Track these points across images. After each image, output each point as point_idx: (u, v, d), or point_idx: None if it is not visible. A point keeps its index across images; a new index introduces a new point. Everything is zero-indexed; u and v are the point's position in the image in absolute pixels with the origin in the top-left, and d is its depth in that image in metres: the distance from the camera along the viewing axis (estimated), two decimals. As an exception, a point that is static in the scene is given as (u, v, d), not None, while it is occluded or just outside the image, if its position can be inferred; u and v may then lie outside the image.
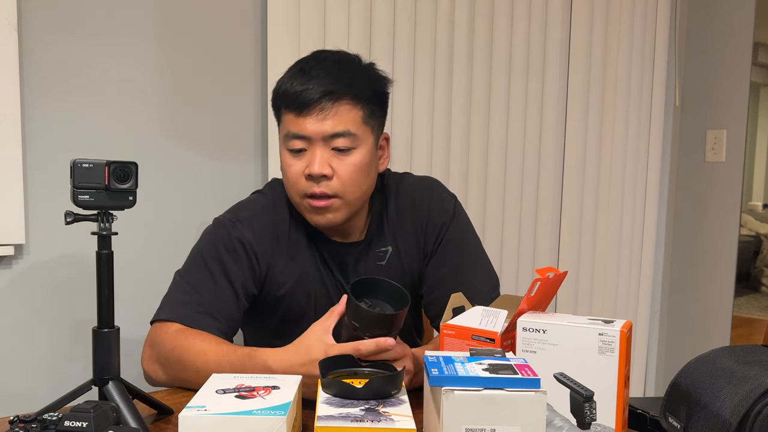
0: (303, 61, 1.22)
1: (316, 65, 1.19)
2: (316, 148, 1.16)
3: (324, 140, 1.16)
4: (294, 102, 1.16)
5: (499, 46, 2.04)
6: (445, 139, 1.99)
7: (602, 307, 2.35)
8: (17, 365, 1.51)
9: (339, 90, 1.16)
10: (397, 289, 1.02)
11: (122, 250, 1.16)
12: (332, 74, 1.17)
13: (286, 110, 1.19)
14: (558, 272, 0.96)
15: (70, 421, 0.73)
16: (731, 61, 2.38)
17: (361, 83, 1.19)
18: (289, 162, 1.19)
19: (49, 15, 1.48)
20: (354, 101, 1.17)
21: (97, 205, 0.90)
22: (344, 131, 1.16)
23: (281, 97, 1.20)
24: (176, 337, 1.12)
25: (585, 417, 0.87)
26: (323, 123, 1.15)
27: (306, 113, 1.15)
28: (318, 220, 1.21)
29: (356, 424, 0.70)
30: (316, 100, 1.15)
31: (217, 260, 1.21)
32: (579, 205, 2.26)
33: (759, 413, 0.75)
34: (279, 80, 1.22)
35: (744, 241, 2.43)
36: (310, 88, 1.15)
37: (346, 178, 1.18)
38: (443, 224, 1.31)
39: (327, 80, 1.16)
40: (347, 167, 1.17)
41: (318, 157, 1.16)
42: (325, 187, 1.17)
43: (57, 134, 1.51)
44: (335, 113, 1.16)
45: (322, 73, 1.17)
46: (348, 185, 1.18)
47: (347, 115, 1.17)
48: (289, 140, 1.18)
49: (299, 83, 1.17)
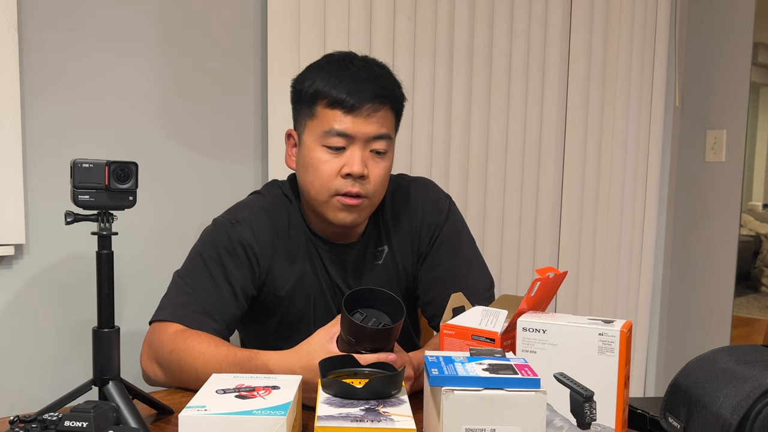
0: (345, 60, 1.22)
1: (362, 67, 1.20)
2: (356, 148, 1.17)
3: (366, 141, 1.18)
4: (344, 100, 1.16)
5: (499, 46, 2.05)
6: (445, 138, 1.99)
7: (602, 307, 2.35)
8: (17, 365, 1.51)
9: (386, 94, 1.19)
10: (394, 298, 0.99)
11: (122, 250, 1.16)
12: (380, 79, 1.20)
13: (330, 107, 1.17)
14: (558, 272, 0.96)
15: (70, 421, 0.73)
16: (731, 61, 2.38)
17: (398, 91, 1.23)
18: (324, 158, 1.18)
19: (49, 15, 1.48)
20: (392, 107, 1.21)
21: (97, 205, 0.90)
22: (386, 134, 1.20)
23: (323, 93, 1.18)
24: (175, 338, 1.12)
25: (585, 417, 0.87)
26: (369, 124, 1.17)
27: (356, 113, 1.16)
28: (345, 219, 1.21)
29: (356, 424, 0.70)
30: (368, 102, 1.16)
31: (217, 261, 1.21)
32: (579, 205, 2.26)
33: (759, 413, 0.75)
34: (313, 75, 1.20)
35: (744, 241, 2.43)
36: (364, 88, 1.17)
37: (378, 181, 1.20)
38: (437, 224, 1.32)
39: (378, 84, 1.19)
40: (380, 170, 1.20)
41: (359, 157, 1.17)
42: (360, 188, 1.18)
43: (57, 134, 1.51)
44: (380, 116, 1.18)
45: (371, 75, 1.19)
46: (378, 188, 1.21)
47: (388, 119, 1.21)
48: (330, 137, 1.17)
49: (350, 82, 1.17)
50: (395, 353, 0.97)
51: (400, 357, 0.99)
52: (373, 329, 0.94)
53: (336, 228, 1.25)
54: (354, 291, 0.98)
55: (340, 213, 1.20)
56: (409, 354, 1.05)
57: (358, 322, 0.94)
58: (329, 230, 1.27)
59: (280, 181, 1.34)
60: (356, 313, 0.97)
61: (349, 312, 0.95)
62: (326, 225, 1.26)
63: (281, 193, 1.29)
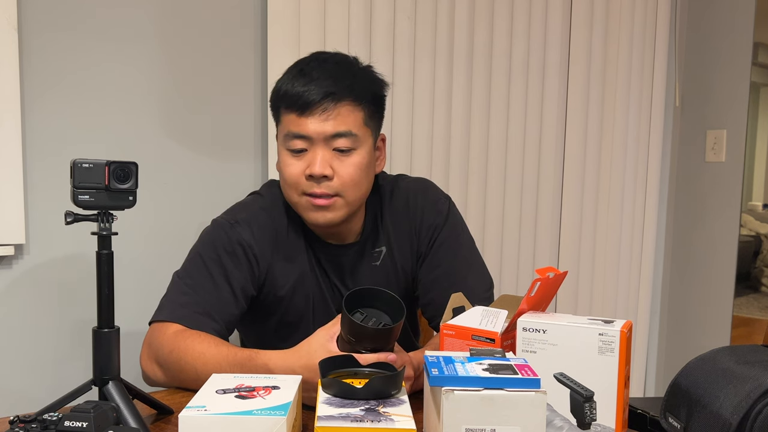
0: (303, 63, 1.22)
1: (317, 67, 1.19)
2: (317, 148, 1.17)
3: (325, 141, 1.17)
4: (296, 102, 1.16)
5: (499, 46, 2.05)
6: (445, 138, 1.99)
7: (602, 307, 2.35)
8: (17, 365, 1.51)
9: (340, 91, 1.17)
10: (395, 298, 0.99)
11: (122, 250, 1.16)
12: (334, 76, 1.18)
13: (286, 110, 1.19)
14: (558, 272, 0.96)
15: (70, 421, 0.73)
16: (731, 61, 2.38)
17: (361, 85, 1.20)
18: (288, 162, 1.19)
19: (49, 15, 1.48)
20: (355, 102, 1.18)
21: (97, 205, 0.90)
22: (345, 132, 1.17)
23: (281, 97, 1.20)
24: (174, 338, 1.12)
25: (585, 417, 0.87)
26: (325, 123, 1.16)
27: (308, 114, 1.16)
28: (317, 218, 1.20)
29: (356, 424, 0.70)
30: (318, 101, 1.15)
31: (216, 262, 1.21)
32: (579, 205, 2.26)
33: (759, 413, 0.75)
34: (278, 81, 1.22)
35: (744, 241, 2.43)
36: (312, 89, 1.16)
37: (347, 179, 1.18)
38: (437, 226, 1.32)
39: (329, 81, 1.17)
40: (348, 168, 1.18)
41: (319, 157, 1.16)
42: (325, 188, 1.18)
43: (57, 134, 1.51)
44: (337, 114, 1.16)
45: (323, 74, 1.17)
46: (348, 185, 1.19)
47: (348, 116, 1.18)
48: (289, 140, 1.18)
49: (301, 84, 1.17)
50: (395, 353, 0.97)
51: (400, 357, 0.98)
52: (373, 329, 0.94)
53: (322, 229, 1.25)
54: (354, 291, 0.97)
55: (311, 213, 1.20)
56: (409, 354, 1.05)
57: (359, 321, 0.94)
58: (325, 231, 1.27)
59: (278, 182, 1.34)
60: (356, 312, 0.97)
61: (350, 312, 0.95)
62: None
63: (280, 194, 1.29)
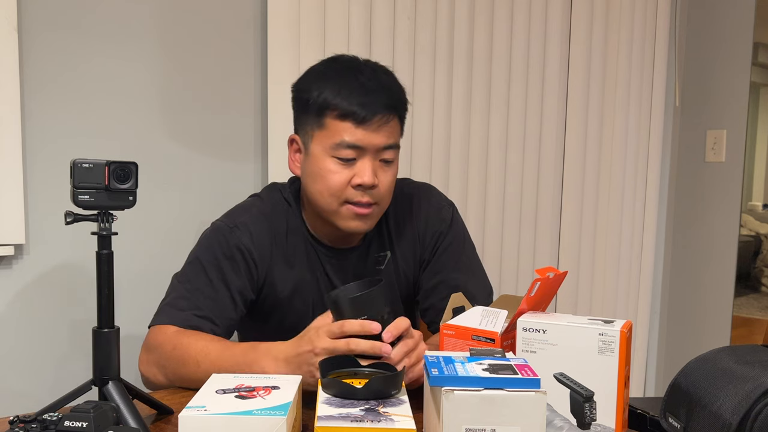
0: (352, 69, 1.20)
1: (372, 77, 1.19)
2: (367, 158, 1.18)
3: (376, 152, 1.18)
4: (355, 113, 1.15)
5: (499, 46, 2.04)
6: (445, 138, 1.99)
7: (602, 307, 2.35)
8: (17, 365, 1.51)
9: (395, 105, 1.20)
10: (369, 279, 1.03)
11: (122, 250, 1.16)
12: (391, 89, 1.20)
13: (341, 119, 1.16)
14: (558, 272, 0.96)
15: (70, 421, 0.73)
16: (731, 61, 2.38)
17: (404, 98, 1.23)
18: (335, 169, 1.18)
19: (49, 15, 1.48)
20: (399, 115, 1.22)
21: (97, 205, 0.90)
22: (394, 144, 1.20)
23: (333, 104, 1.16)
24: (176, 336, 1.12)
25: (585, 417, 0.87)
26: (380, 135, 1.17)
27: (367, 125, 1.16)
28: (358, 227, 1.21)
29: (356, 424, 0.70)
30: (380, 113, 1.16)
31: (215, 266, 1.20)
32: (579, 204, 2.26)
33: (759, 413, 0.75)
34: (320, 85, 1.18)
35: (744, 241, 2.43)
36: (374, 100, 1.16)
37: (386, 189, 1.21)
38: (441, 233, 1.32)
39: (387, 94, 1.19)
40: (389, 178, 1.21)
41: (370, 168, 1.17)
42: (370, 197, 1.19)
43: (57, 134, 1.51)
44: (390, 126, 1.19)
45: (381, 86, 1.19)
46: (386, 195, 1.22)
47: (395, 128, 1.21)
48: (341, 149, 1.17)
49: (360, 93, 1.16)
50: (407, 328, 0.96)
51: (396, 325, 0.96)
52: (351, 297, 0.97)
53: (341, 233, 1.25)
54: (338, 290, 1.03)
55: (352, 221, 1.21)
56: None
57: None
58: (332, 234, 1.27)
59: (280, 185, 1.33)
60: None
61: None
62: (330, 230, 1.26)
63: (280, 197, 1.29)
